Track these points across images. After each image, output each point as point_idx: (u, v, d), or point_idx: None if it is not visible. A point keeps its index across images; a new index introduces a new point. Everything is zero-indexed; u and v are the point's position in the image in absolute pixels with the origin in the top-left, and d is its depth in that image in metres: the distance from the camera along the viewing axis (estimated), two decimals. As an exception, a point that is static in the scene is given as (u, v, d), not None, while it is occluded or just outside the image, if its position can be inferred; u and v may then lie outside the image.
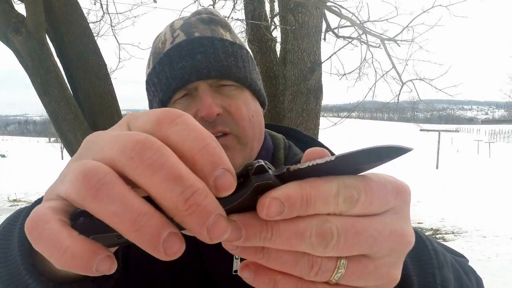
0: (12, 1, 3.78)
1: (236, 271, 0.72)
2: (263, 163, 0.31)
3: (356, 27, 5.76)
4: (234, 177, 0.29)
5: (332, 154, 0.32)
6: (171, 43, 0.81)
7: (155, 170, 0.27)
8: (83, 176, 0.28)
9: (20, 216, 0.59)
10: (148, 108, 0.89)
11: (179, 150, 0.28)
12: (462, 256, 0.75)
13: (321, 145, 0.90)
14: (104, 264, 0.27)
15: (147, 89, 0.86)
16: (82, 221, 0.29)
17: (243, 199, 0.30)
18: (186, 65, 0.77)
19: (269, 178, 0.31)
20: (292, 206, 0.30)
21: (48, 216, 0.28)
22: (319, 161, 0.31)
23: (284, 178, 0.31)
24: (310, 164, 0.31)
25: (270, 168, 0.31)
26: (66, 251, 0.27)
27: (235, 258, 0.72)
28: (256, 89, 0.82)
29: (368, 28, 5.70)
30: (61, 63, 3.85)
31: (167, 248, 0.27)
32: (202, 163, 0.28)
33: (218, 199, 0.29)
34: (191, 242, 0.33)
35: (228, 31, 0.85)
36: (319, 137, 4.94)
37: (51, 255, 0.28)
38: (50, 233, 0.28)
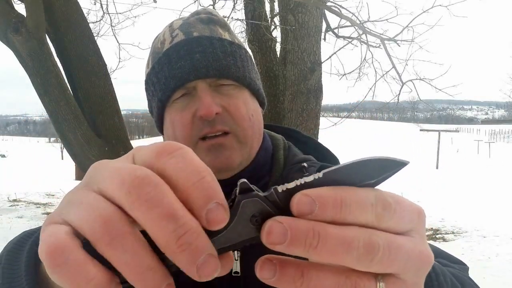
0: (12, 1, 3.78)
1: (236, 272, 0.71)
2: (245, 180, 0.31)
3: (356, 27, 5.76)
4: (227, 211, 0.29)
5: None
6: (170, 42, 0.81)
7: (151, 206, 0.28)
8: (101, 222, 0.29)
9: (27, 242, 0.58)
10: (148, 108, 0.89)
11: (174, 182, 0.29)
12: (460, 262, 0.75)
13: (320, 146, 0.90)
14: None
15: (146, 89, 0.86)
16: (90, 250, 0.29)
17: (237, 222, 0.30)
18: (185, 64, 0.77)
19: (255, 195, 0.31)
20: (323, 206, 0.30)
21: (70, 243, 0.29)
22: (306, 179, 0.31)
23: (274, 200, 0.31)
24: (298, 183, 0.31)
25: (258, 191, 0.31)
26: (91, 281, 0.28)
27: (235, 259, 0.72)
28: (255, 88, 0.82)
29: (368, 28, 5.70)
30: (61, 63, 3.86)
31: None
32: (196, 196, 0.29)
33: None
34: None
35: (227, 31, 0.85)
36: (319, 137, 4.95)
37: (73, 282, 0.29)
38: (75, 262, 0.28)
